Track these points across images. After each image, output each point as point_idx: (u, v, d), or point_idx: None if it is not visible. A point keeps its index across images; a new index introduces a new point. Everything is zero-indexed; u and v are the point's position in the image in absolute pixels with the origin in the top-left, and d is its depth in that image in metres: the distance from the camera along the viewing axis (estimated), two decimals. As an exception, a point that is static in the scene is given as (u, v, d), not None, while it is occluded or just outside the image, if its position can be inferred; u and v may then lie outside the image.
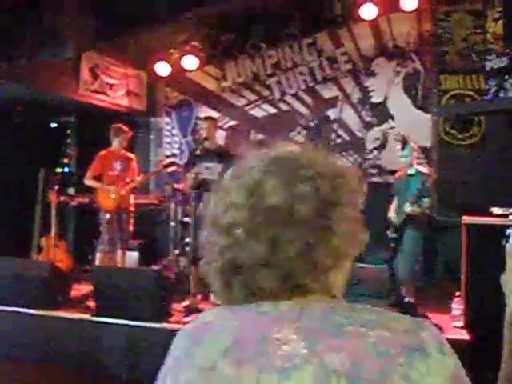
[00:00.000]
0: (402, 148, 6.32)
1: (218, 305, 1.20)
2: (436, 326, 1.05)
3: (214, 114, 8.75)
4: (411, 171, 6.29)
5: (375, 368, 0.90)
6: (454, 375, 0.95)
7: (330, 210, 1.03)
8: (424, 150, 8.22)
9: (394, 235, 6.23)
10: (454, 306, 5.37)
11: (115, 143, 7.14)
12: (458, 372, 0.97)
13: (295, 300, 1.02)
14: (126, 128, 7.23)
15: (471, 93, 7.96)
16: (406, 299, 5.92)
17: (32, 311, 5.92)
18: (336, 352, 0.92)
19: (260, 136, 9.59)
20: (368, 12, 7.80)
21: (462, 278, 5.43)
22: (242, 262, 1.04)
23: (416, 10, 7.79)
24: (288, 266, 1.01)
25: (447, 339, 1.02)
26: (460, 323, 5.22)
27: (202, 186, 6.39)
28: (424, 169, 6.42)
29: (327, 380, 0.89)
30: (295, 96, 9.25)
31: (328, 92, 9.01)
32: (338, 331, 0.95)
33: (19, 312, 5.95)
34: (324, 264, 1.03)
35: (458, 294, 5.43)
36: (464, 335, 4.97)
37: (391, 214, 6.38)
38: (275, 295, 1.03)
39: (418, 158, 6.90)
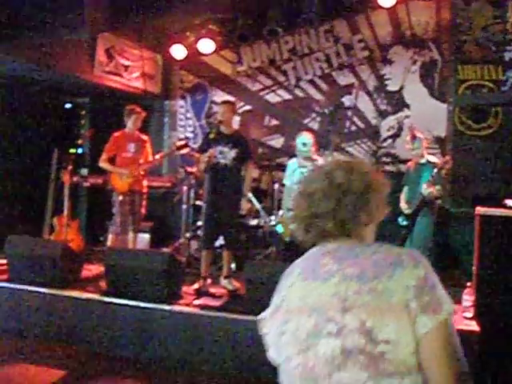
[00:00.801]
0: (412, 140, 6.32)
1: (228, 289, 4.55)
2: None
3: (230, 99, 8.72)
4: (422, 161, 6.31)
5: (372, 274, 1.56)
6: (424, 278, 1.54)
7: (369, 190, 1.74)
8: (439, 140, 8.19)
9: (404, 223, 6.23)
10: (464, 296, 5.35)
11: (129, 124, 7.14)
12: (426, 276, 1.55)
13: (341, 240, 1.73)
14: (138, 108, 7.22)
15: (488, 83, 7.89)
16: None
17: (43, 290, 5.95)
18: (352, 267, 1.60)
19: (274, 121, 9.57)
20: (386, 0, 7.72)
21: (473, 268, 5.40)
22: (317, 214, 1.73)
23: (435, -2, 7.72)
24: (343, 218, 1.71)
25: (457, 330, 1.56)
26: (470, 314, 5.20)
27: (214, 170, 6.39)
28: (435, 158, 6.40)
29: (346, 281, 1.58)
30: (311, 82, 9.21)
31: (344, 79, 8.97)
32: (355, 257, 1.64)
33: (30, 290, 5.99)
34: (363, 220, 1.73)
35: (468, 284, 5.40)
36: (474, 326, 4.95)
37: (402, 202, 6.38)
38: (333, 237, 1.73)
39: (429, 148, 6.88)
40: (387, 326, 1.48)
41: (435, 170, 5.97)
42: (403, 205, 6.37)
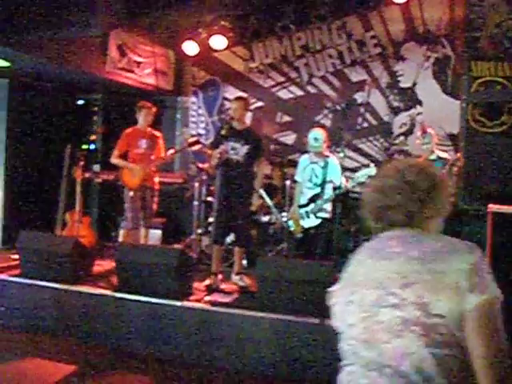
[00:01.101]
0: (423, 136, 6.29)
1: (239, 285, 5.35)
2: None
3: (243, 95, 8.71)
4: (433, 157, 6.27)
5: (431, 257, 1.79)
6: (475, 263, 1.74)
7: (435, 189, 1.97)
8: (451, 137, 8.14)
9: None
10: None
11: (140, 120, 7.14)
12: (478, 262, 1.75)
13: (407, 230, 1.96)
14: (148, 103, 7.22)
15: (502, 80, 7.82)
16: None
17: (54, 285, 5.96)
18: (414, 250, 1.84)
19: (286, 118, 9.56)
20: (399, -5, 7.69)
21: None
22: (388, 206, 1.97)
23: (448, -7, 7.66)
24: (412, 211, 1.95)
25: None
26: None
27: (225, 166, 6.39)
28: (445, 154, 6.37)
29: (408, 262, 1.81)
30: (323, 79, 9.20)
31: (356, 75, 8.95)
32: (418, 243, 1.87)
33: (42, 286, 6.00)
34: (428, 214, 1.97)
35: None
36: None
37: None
38: (401, 226, 1.97)
39: (439, 144, 6.84)
40: (440, 302, 1.69)
41: (446, 167, 5.92)
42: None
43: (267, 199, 7.66)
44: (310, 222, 6.44)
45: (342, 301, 1.98)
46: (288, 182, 7.58)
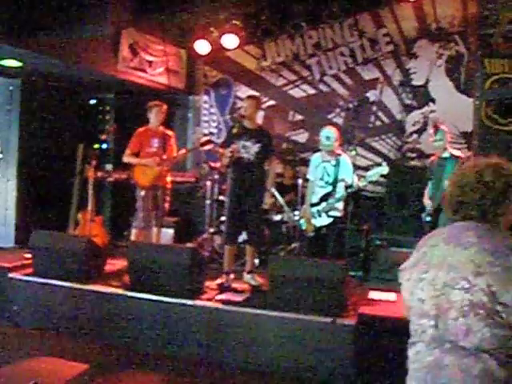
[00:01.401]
0: (435, 132, 6.20)
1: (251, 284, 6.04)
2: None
3: (255, 94, 8.69)
4: (445, 155, 6.18)
5: (503, 252, 1.99)
6: None
7: (509, 188, 2.15)
8: (465, 135, 8.09)
9: (428, 219, 6.13)
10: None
11: (152, 118, 7.14)
12: None
13: (481, 224, 2.15)
14: (159, 102, 7.22)
15: (516, 77, 7.79)
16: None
17: (67, 284, 5.98)
18: (488, 244, 2.03)
19: (299, 117, 9.54)
20: (412, -7, 7.64)
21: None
22: (465, 202, 2.19)
23: (461, -10, 7.60)
24: (485, 209, 2.15)
25: None
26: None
27: (237, 165, 6.38)
28: (458, 152, 6.28)
29: (482, 253, 2.00)
30: (335, 77, 9.18)
31: (368, 73, 8.92)
32: (491, 237, 2.08)
33: (55, 284, 6.03)
34: (500, 211, 2.16)
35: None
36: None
37: (425, 198, 6.29)
38: (475, 220, 2.17)
39: (453, 142, 6.78)
40: (507, 293, 1.93)
41: (458, 165, 5.83)
42: (426, 201, 6.27)
43: (279, 198, 7.65)
44: (322, 220, 6.41)
45: (415, 278, 2.20)
46: (300, 181, 7.57)
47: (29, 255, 6.54)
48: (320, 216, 6.41)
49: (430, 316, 2.09)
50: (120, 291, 5.86)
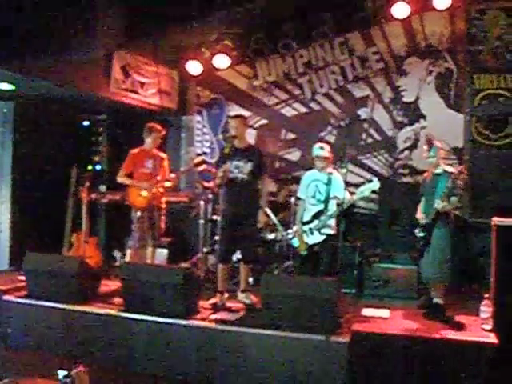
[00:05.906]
0: (429, 149, 6.22)
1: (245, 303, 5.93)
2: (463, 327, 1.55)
3: (245, 113, 8.73)
4: (438, 171, 6.19)
5: None
6: None
7: None
8: (456, 150, 8.14)
9: (421, 234, 6.13)
10: (482, 308, 5.29)
11: (148, 141, 7.16)
12: None
13: None
14: (159, 126, 7.24)
15: (505, 92, 7.85)
16: (435, 300, 5.85)
17: (61, 306, 5.99)
18: None
19: (291, 135, 9.58)
20: (400, 11, 7.70)
21: (491, 280, 5.35)
22: None
23: (449, 8, 7.66)
24: None
25: (475, 342, 2.09)
26: (488, 326, 5.14)
27: (230, 184, 6.40)
28: (451, 168, 6.29)
29: None
30: (326, 95, 9.23)
31: (359, 91, 8.98)
32: None
33: (48, 306, 6.03)
34: None
35: (486, 296, 5.35)
36: (492, 338, 4.90)
37: (419, 213, 6.31)
38: None
39: (445, 158, 6.81)
40: None
41: (450, 181, 5.84)
42: (419, 216, 6.30)
43: (272, 216, 7.67)
44: (314, 238, 6.42)
45: None
46: (293, 200, 7.60)
47: (23, 277, 6.55)
48: (312, 234, 6.42)
49: None
50: (114, 312, 5.86)
